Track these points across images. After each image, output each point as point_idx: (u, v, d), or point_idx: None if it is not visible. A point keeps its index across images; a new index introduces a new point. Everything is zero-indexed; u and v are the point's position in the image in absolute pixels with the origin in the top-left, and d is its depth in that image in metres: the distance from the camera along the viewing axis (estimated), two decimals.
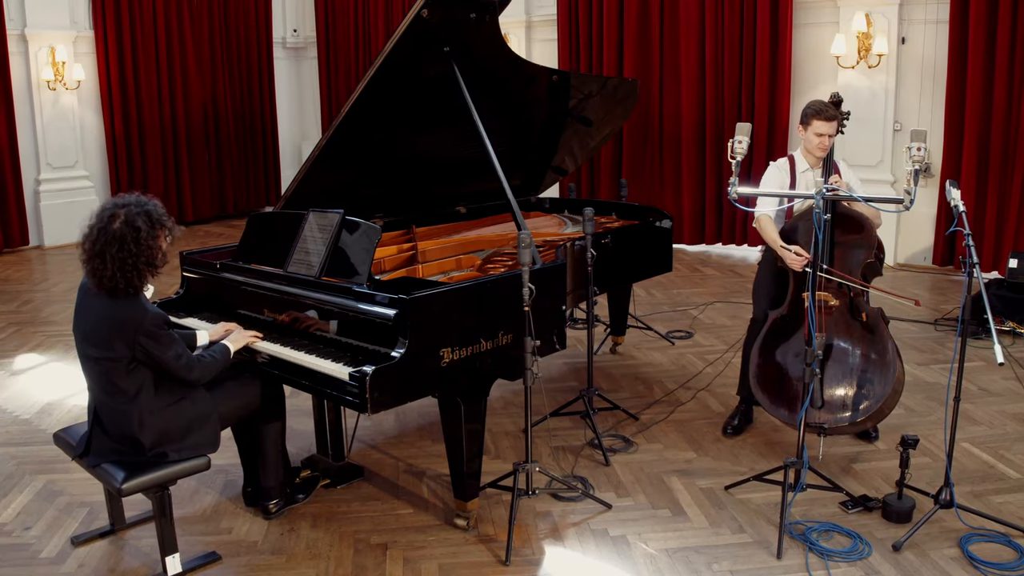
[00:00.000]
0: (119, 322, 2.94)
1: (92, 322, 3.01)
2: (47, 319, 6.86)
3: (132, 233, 2.94)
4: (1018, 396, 4.77)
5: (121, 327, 2.93)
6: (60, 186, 9.93)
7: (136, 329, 2.93)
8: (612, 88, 5.21)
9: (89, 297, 3.04)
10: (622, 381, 5.22)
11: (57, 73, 9.63)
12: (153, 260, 3.00)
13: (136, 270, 2.94)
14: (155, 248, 3.00)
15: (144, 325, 2.94)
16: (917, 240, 7.96)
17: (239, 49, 11.62)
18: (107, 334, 2.95)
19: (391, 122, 4.06)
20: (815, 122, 4.03)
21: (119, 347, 2.94)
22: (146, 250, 2.96)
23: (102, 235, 2.94)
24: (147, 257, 2.97)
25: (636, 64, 9.08)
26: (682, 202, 9.06)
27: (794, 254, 3.89)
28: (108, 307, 2.97)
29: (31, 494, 3.86)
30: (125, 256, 2.92)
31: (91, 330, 3.01)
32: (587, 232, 4.10)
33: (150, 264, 2.99)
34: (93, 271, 2.95)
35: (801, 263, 3.86)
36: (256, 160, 12.08)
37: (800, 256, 3.87)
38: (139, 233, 2.95)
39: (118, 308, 2.96)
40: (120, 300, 2.97)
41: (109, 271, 2.91)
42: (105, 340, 2.95)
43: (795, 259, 3.88)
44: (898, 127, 7.90)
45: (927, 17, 7.64)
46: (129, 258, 2.92)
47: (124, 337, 2.93)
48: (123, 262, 2.91)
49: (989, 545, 3.29)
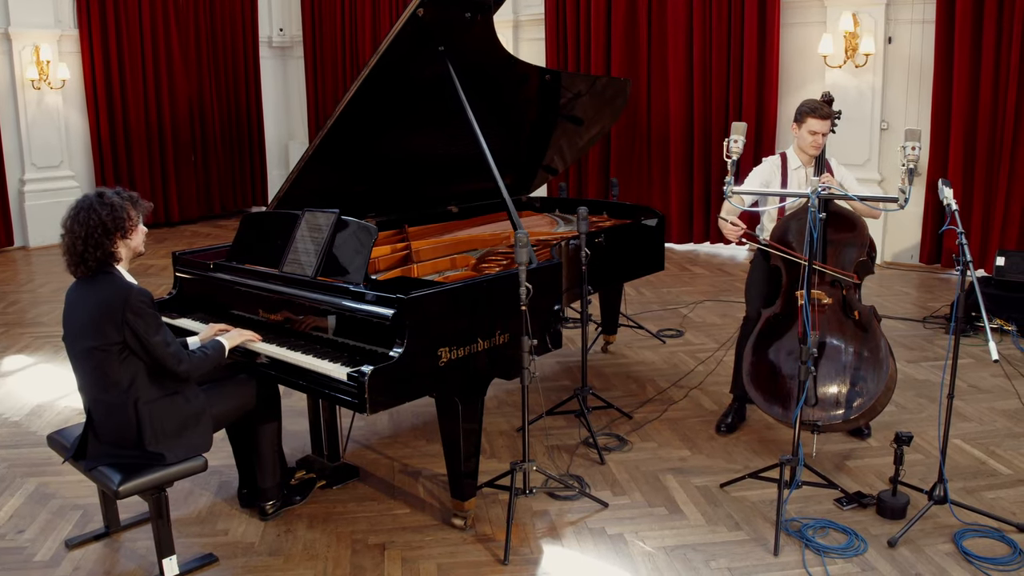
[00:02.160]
0: (105, 303, 2.93)
1: (80, 314, 3.00)
2: (34, 320, 6.80)
3: (97, 198, 2.99)
4: (1007, 393, 4.82)
5: (109, 307, 2.92)
6: (45, 186, 9.85)
7: (123, 306, 2.91)
8: (601, 87, 5.22)
9: (74, 297, 3.05)
10: (614, 380, 5.23)
11: (42, 72, 9.55)
12: (120, 221, 2.99)
13: (105, 230, 2.95)
14: (120, 209, 3.00)
15: (131, 300, 2.92)
16: (903, 238, 8.02)
17: (225, 48, 11.56)
18: (96, 319, 2.94)
19: (385, 121, 4.06)
20: (810, 120, 4.05)
21: (109, 331, 2.92)
22: (111, 210, 2.97)
23: (74, 215, 2.98)
24: (113, 217, 2.97)
25: (624, 63, 9.10)
26: (670, 201, 9.09)
27: (731, 224, 4.00)
28: (92, 292, 2.98)
29: (23, 497, 3.83)
30: (95, 222, 2.93)
31: (80, 320, 2.99)
32: (581, 231, 4.11)
33: (118, 226, 2.98)
34: (68, 249, 2.97)
35: (737, 233, 3.99)
36: (242, 159, 12.04)
37: (736, 227, 3.98)
38: (102, 196, 2.99)
39: (102, 290, 2.96)
40: (102, 281, 2.97)
41: (80, 242, 2.92)
42: (95, 326, 2.94)
43: (732, 229, 4.01)
44: (885, 126, 7.96)
45: (913, 17, 7.70)
46: (99, 223, 2.93)
47: (112, 318, 2.91)
48: (92, 229, 2.93)
49: (983, 540, 3.31)
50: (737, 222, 4.00)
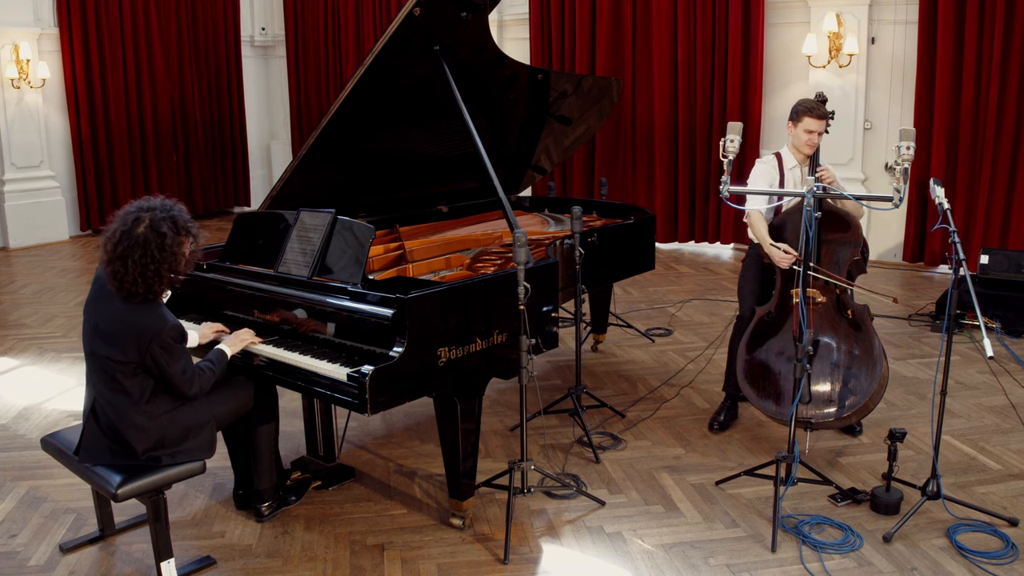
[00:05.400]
0: (137, 329, 2.89)
1: (107, 319, 2.94)
2: (17, 322, 6.71)
3: (157, 239, 2.89)
4: (994, 389, 4.88)
5: (138, 334, 2.88)
6: (25, 186, 9.72)
7: (152, 339, 2.88)
8: (587, 87, 5.22)
9: (107, 293, 2.97)
10: (605, 379, 5.24)
11: (21, 71, 9.43)
12: (176, 267, 2.96)
13: (158, 276, 2.90)
14: (179, 255, 2.95)
15: (162, 336, 2.90)
16: (886, 237, 8.10)
17: (207, 47, 11.46)
18: (122, 337, 2.90)
19: (378, 120, 4.05)
20: (806, 119, 4.08)
21: (131, 352, 2.90)
22: (170, 256, 2.91)
23: (125, 239, 2.88)
24: (170, 264, 2.92)
25: (608, 63, 9.12)
26: (654, 200, 9.12)
27: (783, 251, 3.93)
28: (128, 310, 2.91)
29: (14, 501, 3.78)
30: (148, 262, 2.86)
31: (105, 327, 2.95)
32: (576, 231, 4.12)
33: (173, 271, 2.95)
34: (114, 274, 2.88)
35: (789, 261, 3.91)
36: (224, 159, 11.93)
37: (788, 254, 3.91)
38: (164, 239, 2.89)
39: (138, 314, 2.91)
40: (140, 305, 2.92)
41: (130, 276, 2.86)
42: (119, 342, 2.90)
43: (783, 256, 3.93)
44: (868, 126, 8.03)
45: (896, 18, 7.78)
46: (152, 264, 2.87)
47: (139, 344, 2.89)
48: (145, 268, 2.86)
49: (976, 535, 3.36)
50: (789, 249, 3.91)
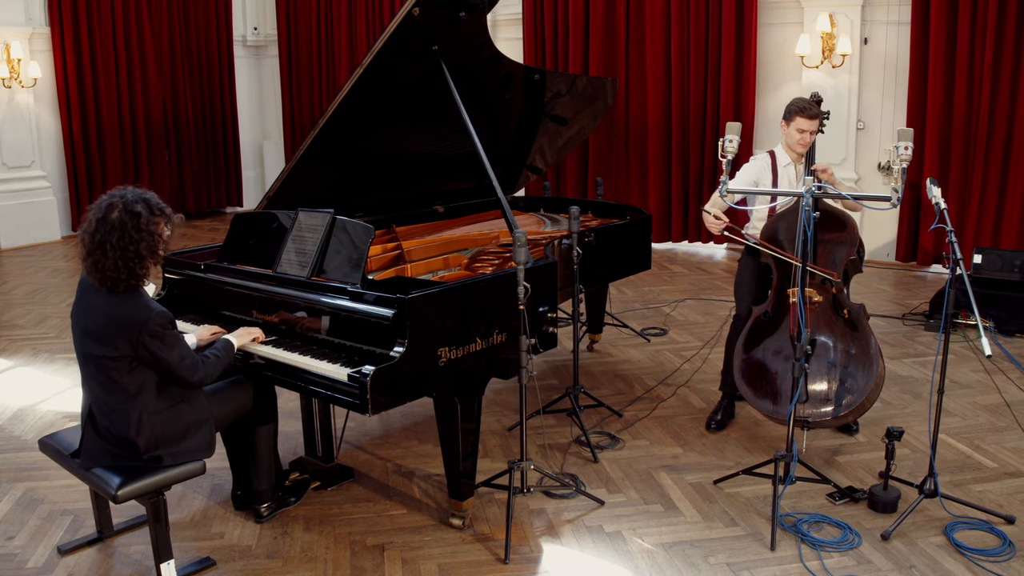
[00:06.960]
0: (123, 320, 2.87)
1: (95, 319, 2.93)
2: (10, 323, 6.67)
3: (132, 220, 2.88)
4: (988, 388, 4.90)
5: (126, 326, 2.87)
6: (16, 186, 9.67)
7: (141, 328, 2.87)
8: (582, 87, 5.23)
9: (90, 293, 2.96)
10: (602, 378, 5.25)
11: (12, 70, 9.38)
12: (155, 247, 2.94)
13: (139, 258, 2.89)
14: (156, 235, 2.94)
15: (149, 325, 2.88)
16: (879, 236, 8.13)
17: (199, 47, 11.42)
18: (110, 332, 2.89)
19: (376, 121, 4.04)
20: (798, 119, 4.10)
21: (122, 346, 2.88)
22: (147, 236, 2.91)
23: (101, 225, 2.87)
24: (148, 244, 2.91)
25: (602, 63, 9.13)
26: (648, 200, 9.13)
27: (712, 217, 4.02)
28: (112, 304, 2.90)
29: (10, 503, 3.76)
30: (127, 243, 2.86)
31: (93, 327, 2.93)
32: (573, 230, 4.12)
33: (152, 251, 2.93)
34: (95, 265, 2.88)
35: (720, 226, 4.01)
36: (216, 159, 11.89)
37: (719, 220, 4.00)
38: (139, 219, 2.89)
39: (122, 305, 2.90)
40: (124, 297, 2.90)
41: (111, 262, 2.85)
42: (108, 338, 2.89)
43: (714, 222, 4.02)
44: (861, 126, 8.07)
45: (889, 18, 7.82)
46: (131, 245, 2.87)
47: (128, 336, 2.87)
48: (125, 250, 2.86)
49: (973, 532, 3.38)
50: (721, 216, 4.01)
